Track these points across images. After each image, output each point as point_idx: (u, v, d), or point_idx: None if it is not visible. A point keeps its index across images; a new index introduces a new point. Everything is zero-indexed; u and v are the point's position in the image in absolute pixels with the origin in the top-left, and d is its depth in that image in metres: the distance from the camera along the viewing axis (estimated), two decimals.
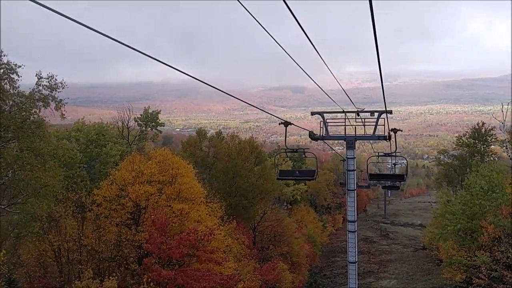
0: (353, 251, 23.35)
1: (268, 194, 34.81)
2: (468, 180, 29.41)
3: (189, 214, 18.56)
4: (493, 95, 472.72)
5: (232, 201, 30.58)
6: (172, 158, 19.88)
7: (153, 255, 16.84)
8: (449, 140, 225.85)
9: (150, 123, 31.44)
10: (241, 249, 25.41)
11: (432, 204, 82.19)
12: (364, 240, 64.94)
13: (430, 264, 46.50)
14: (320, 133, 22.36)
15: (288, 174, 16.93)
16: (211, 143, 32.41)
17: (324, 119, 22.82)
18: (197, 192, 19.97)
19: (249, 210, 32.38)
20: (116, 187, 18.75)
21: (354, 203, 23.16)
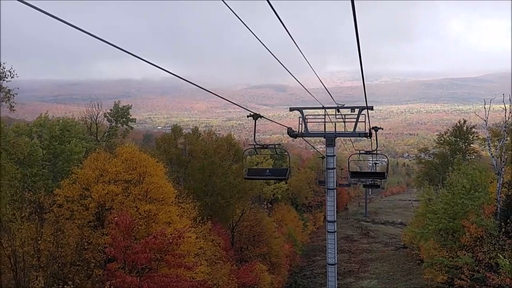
0: (332, 253, 22.42)
1: (246, 193, 33.66)
2: (450, 178, 28.82)
3: (158, 216, 17.28)
4: (472, 94, 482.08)
5: (208, 201, 29.34)
6: (140, 156, 18.53)
7: (118, 260, 15.52)
8: (429, 138, 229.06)
9: (120, 118, 29.85)
10: (216, 251, 24.20)
11: (413, 202, 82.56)
12: (345, 238, 64.66)
13: (411, 264, 46.18)
14: (299, 130, 21.48)
15: (257, 173, 15.22)
16: (187, 140, 31.04)
17: (303, 115, 21.90)
18: (167, 192, 18.65)
19: (227, 210, 31.19)
20: (79, 186, 17.35)
21: (333, 203, 22.25)
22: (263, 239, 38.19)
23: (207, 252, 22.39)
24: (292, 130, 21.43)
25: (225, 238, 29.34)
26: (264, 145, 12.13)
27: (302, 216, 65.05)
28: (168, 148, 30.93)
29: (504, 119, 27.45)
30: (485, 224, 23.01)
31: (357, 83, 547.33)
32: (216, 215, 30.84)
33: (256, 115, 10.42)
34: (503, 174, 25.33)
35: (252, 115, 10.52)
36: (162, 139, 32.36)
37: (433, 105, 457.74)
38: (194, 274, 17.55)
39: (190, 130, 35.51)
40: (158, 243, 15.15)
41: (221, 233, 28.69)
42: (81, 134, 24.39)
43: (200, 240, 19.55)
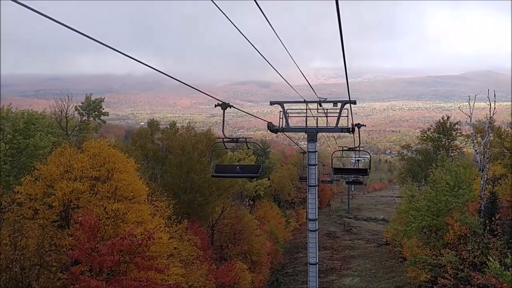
0: (314, 252, 21.67)
1: (226, 190, 32.62)
2: (434, 175, 28.29)
3: (127, 215, 16.13)
4: (454, 92, 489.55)
5: (186, 198, 28.22)
6: (108, 151, 17.30)
7: (82, 263, 14.36)
8: (411, 135, 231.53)
9: (92, 112, 28.37)
10: (192, 251, 23.12)
11: (395, 198, 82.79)
12: (328, 235, 64.32)
13: (393, 261, 45.85)
14: (279, 125, 20.64)
15: (226, 170, 13.84)
16: (164, 135, 29.81)
17: (284, 109, 21.05)
18: (138, 190, 17.46)
19: (206, 208, 30.10)
20: (42, 183, 16.08)
21: (315, 200, 21.49)
22: (244, 237, 37.27)
23: (183, 252, 21.31)
24: (272, 125, 20.53)
25: (203, 237, 28.29)
26: (234, 139, 11.00)
27: (284, 213, 64.35)
28: (144, 143, 29.66)
29: (488, 115, 27.12)
30: (469, 222, 22.52)
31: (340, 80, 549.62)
32: (194, 213, 29.74)
33: (225, 104, 9.38)
34: (487, 171, 24.92)
35: (220, 104, 9.47)
36: (138, 134, 31.02)
37: (415, 103, 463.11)
38: (166, 276, 16.49)
39: (168, 124, 34.29)
40: (126, 244, 14.04)
41: (199, 232, 27.63)
42: (48, 128, 23.02)
43: (174, 241, 18.43)
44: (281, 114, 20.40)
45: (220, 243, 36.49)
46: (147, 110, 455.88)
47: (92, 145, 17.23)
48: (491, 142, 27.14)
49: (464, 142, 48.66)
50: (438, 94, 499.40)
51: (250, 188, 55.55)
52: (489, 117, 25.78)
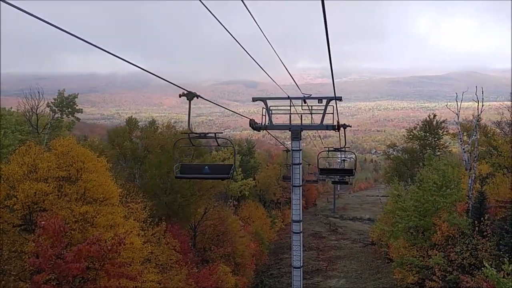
0: (298, 255, 20.77)
1: (208, 190, 31.52)
2: (421, 174, 27.63)
3: (96, 219, 14.98)
4: (438, 92, 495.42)
5: (166, 199, 27.07)
6: (78, 150, 16.06)
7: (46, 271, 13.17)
8: (396, 135, 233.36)
9: (65, 109, 26.90)
10: (171, 255, 22.00)
11: (381, 198, 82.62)
12: (313, 235, 63.70)
13: (379, 261, 45.31)
14: (262, 122, 19.76)
15: (192, 170, 11.53)
16: (143, 134, 28.57)
17: (267, 106, 20.16)
18: (109, 191, 16.28)
19: (187, 209, 28.97)
20: (4, 185, 14.83)
21: (299, 201, 20.63)
22: (228, 238, 36.22)
23: (160, 257, 20.19)
24: (255, 123, 19.60)
25: (184, 239, 27.15)
26: (201, 134, 9.88)
27: (270, 213, 63.47)
28: (122, 142, 28.40)
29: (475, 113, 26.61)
30: (457, 222, 21.83)
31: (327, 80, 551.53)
32: (175, 214, 28.62)
33: (191, 94, 8.30)
34: (475, 170, 24.34)
35: (186, 94, 8.40)
36: (115, 133, 29.70)
37: (400, 102, 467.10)
38: (140, 284, 15.37)
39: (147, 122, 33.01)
40: (94, 250, 12.91)
41: (179, 234, 26.48)
42: (16, 126, 21.63)
43: (149, 245, 17.30)
44: (264, 111, 19.56)
45: (202, 245, 35.39)
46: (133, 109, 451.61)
47: (60, 143, 16.01)
48: (479, 140, 26.57)
49: (449, 141, 48.35)
50: (423, 94, 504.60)
51: (235, 188, 54.59)
52: (476, 114, 25.21)
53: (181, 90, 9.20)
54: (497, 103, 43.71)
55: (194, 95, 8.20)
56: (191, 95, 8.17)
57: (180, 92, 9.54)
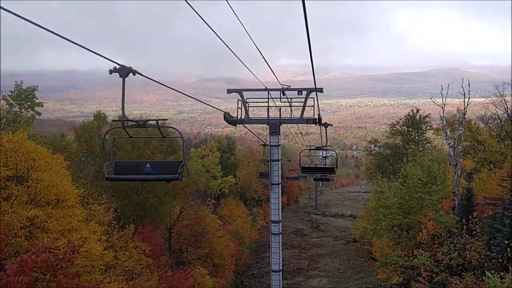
0: (277, 258, 19.42)
1: (183, 189, 29.88)
2: (404, 170, 26.58)
3: (48, 224, 13.27)
4: (417, 88, 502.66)
5: (137, 199, 25.35)
6: (28, 146, 14.23)
7: None
8: (377, 131, 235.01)
9: (24, 102, 24.76)
10: (140, 260, 20.36)
11: (362, 194, 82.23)
12: (295, 233, 62.83)
13: (362, 259, 44.44)
14: (238, 116, 18.33)
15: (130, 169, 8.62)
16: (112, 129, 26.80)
17: (244, 98, 18.74)
18: (65, 192, 14.56)
19: (160, 209, 27.30)
20: None
21: (278, 200, 19.28)
22: (205, 239, 34.65)
23: (127, 263, 18.56)
24: (230, 116, 18.16)
25: (157, 242, 25.48)
26: (139, 121, 7.93)
27: (251, 210, 62.03)
28: (90, 138, 26.53)
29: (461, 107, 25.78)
30: (444, 220, 20.77)
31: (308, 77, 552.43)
32: (148, 215, 26.93)
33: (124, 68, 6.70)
34: (461, 165, 23.38)
35: (118, 69, 6.79)
36: (82, 128, 27.72)
37: (380, 99, 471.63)
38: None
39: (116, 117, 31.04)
40: (42, 260, 11.22)
41: (151, 237, 24.82)
42: None
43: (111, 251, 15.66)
44: (240, 103, 18.15)
45: (178, 246, 33.78)
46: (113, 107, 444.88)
47: (8, 139, 14.20)
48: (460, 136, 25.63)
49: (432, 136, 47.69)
50: (403, 91, 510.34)
51: (214, 186, 52.98)
52: (462, 108, 24.27)
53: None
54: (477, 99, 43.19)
55: (129, 71, 6.61)
56: (124, 71, 6.57)
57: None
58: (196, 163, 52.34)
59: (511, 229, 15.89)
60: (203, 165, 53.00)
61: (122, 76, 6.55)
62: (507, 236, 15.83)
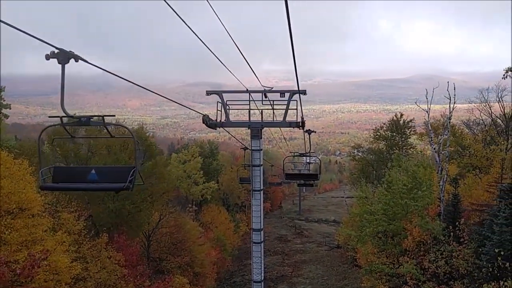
0: (258, 267, 18.58)
1: (161, 196, 28.78)
2: (389, 176, 26.04)
3: (6, 235, 12.12)
4: (399, 95, 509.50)
5: (113, 206, 24.18)
6: None
7: None
8: (359, 137, 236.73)
9: None
10: (114, 270, 19.24)
11: (346, 199, 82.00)
12: (279, 239, 62.07)
13: (346, 266, 43.83)
14: (217, 119, 17.53)
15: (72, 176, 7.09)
16: (87, 133, 25.53)
17: (224, 100, 17.94)
18: (28, 200, 13.35)
19: (138, 216, 26.16)
20: None
21: (260, 207, 18.48)
22: (186, 247, 33.55)
23: (100, 274, 17.45)
24: (209, 119, 17.32)
25: (133, 251, 24.32)
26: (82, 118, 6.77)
27: (234, 217, 60.96)
28: (63, 143, 25.32)
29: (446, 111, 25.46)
30: (430, 227, 20.20)
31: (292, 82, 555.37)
32: (125, 223, 25.78)
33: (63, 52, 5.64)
34: (446, 170, 22.92)
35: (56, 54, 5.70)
36: (56, 132, 26.45)
37: (362, 105, 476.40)
38: None
39: None
40: None
41: (127, 245, 23.69)
42: None
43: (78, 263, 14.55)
44: (219, 105, 17.35)
45: (158, 255, 32.58)
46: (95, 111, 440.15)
47: None
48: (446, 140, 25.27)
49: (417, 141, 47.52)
50: (385, 97, 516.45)
51: (196, 192, 51.88)
52: (448, 112, 23.88)
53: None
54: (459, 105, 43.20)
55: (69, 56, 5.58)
56: (64, 56, 5.54)
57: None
58: (177, 169, 51.20)
59: (501, 236, 15.41)
60: (184, 170, 51.90)
61: (61, 63, 5.56)
62: (497, 244, 15.32)
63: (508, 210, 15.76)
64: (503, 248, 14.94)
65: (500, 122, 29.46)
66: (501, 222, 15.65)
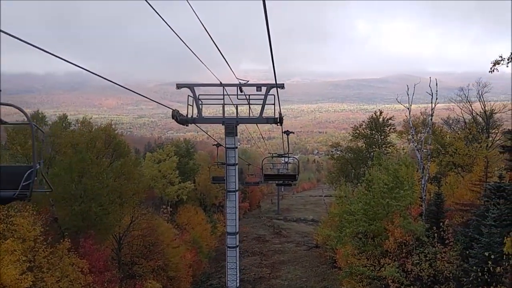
0: (233, 274, 17.36)
1: (131, 197, 27.26)
2: (369, 174, 25.22)
3: None
4: (376, 94, 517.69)
5: (78, 209, 22.61)
6: None
7: None
8: (337, 136, 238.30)
9: None
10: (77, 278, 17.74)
11: (324, 198, 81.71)
12: (257, 239, 61.25)
13: (325, 266, 43.13)
14: (188, 114, 16.23)
15: None
16: (51, 131, 23.81)
17: (195, 94, 16.64)
18: None
19: (106, 219, 24.60)
20: None
21: (235, 209, 17.28)
22: (159, 250, 32.11)
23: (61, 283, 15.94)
24: (179, 114, 15.98)
25: (100, 256, 22.77)
26: None
27: (211, 217, 59.58)
28: (25, 140, 23.54)
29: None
30: (413, 228, 19.40)
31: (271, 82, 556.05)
32: (92, 226, 24.20)
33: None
34: (428, 169, 22.24)
35: None
36: (17, 130, 24.60)
37: (340, 105, 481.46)
38: None
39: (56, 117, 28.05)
40: None
41: (95, 250, 22.16)
42: None
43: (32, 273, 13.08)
44: (191, 100, 16.05)
45: (129, 259, 31.02)
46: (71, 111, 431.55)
47: None
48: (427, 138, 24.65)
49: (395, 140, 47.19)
50: (362, 97, 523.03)
51: (171, 193, 50.23)
52: (430, 108, 23.19)
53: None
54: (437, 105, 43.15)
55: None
56: None
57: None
58: (152, 169, 49.53)
59: (490, 239, 14.65)
60: (159, 170, 50.23)
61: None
62: (486, 247, 14.56)
63: (497, 210, 15.07)
64: (492, 251, 14.18)
65: (481, 120, 29.18)
66: (490, 224, 14.91)
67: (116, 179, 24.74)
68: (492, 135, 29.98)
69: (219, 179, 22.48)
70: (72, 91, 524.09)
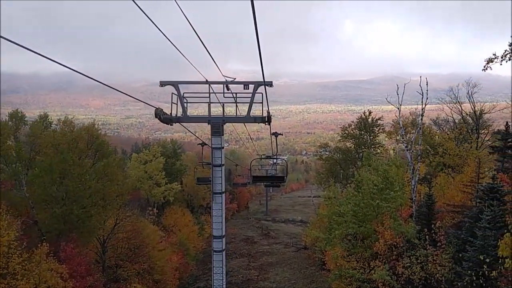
0: (219, 279, 16.77)
1: (114, 199, 26.47)
2: (359, 175, 24.81)
3: None
4: (363, 96, 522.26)
5: (59, 211, 21.78)
6: None
7: None
8: (325, 136, 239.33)
9: None
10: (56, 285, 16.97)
11: (313, 199, 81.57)
12: (245, 241, 60.75)
13: (313, 268, 42.72)
14: (171, 113, 15.53)
15: None
16: (31, 131, 22.97)
17: (180, 92, 15.96)
18: None
19: (89, 222, 23.79)
20: None
21: (221, 211, 16.67)
22: (144, 252, 31.33)
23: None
24: (162, 112, 15.26)
25: (82, 260, 21.93)
26: None
27: (199, 219, 58.83)
28: (5, 141, 22.64)
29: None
30: (404, 230, 19.00)
31: None
32: (74, 229, 23.36)
33: None
34: (418, 170, 21.90)
35: None
36: None
37: (328, 106, 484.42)
38: None
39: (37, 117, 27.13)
40: None
41: (76, 254, 21.35)
42: None
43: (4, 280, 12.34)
44: (175, 98, 15.39)
45: (114, 262, 30.17)
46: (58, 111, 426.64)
47: None
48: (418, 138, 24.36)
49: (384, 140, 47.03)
50: (349, 98, 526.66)
51: (158, 194, 49.36)
52: (421, 108, 22.85)
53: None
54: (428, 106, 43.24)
55: None
56: None
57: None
58: (138, 170, 48.63)
59: (484, 241, 14.27)
60: (145, 171, 49.33)
61: None
62: (480, 250, 14.17)
63: (491, 212, 14.71)
64: (487, 254, 13.80)
65: (470, 120, 29.04)
66: (484, 226, 14.53)
67: (99, 180, 23.93)
68: (481, 135, 29.95)
69: (204, 180, 21.75)
70: (58, 91, 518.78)
